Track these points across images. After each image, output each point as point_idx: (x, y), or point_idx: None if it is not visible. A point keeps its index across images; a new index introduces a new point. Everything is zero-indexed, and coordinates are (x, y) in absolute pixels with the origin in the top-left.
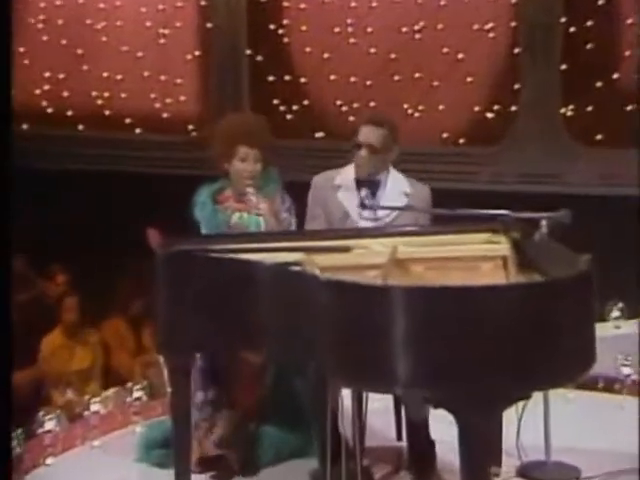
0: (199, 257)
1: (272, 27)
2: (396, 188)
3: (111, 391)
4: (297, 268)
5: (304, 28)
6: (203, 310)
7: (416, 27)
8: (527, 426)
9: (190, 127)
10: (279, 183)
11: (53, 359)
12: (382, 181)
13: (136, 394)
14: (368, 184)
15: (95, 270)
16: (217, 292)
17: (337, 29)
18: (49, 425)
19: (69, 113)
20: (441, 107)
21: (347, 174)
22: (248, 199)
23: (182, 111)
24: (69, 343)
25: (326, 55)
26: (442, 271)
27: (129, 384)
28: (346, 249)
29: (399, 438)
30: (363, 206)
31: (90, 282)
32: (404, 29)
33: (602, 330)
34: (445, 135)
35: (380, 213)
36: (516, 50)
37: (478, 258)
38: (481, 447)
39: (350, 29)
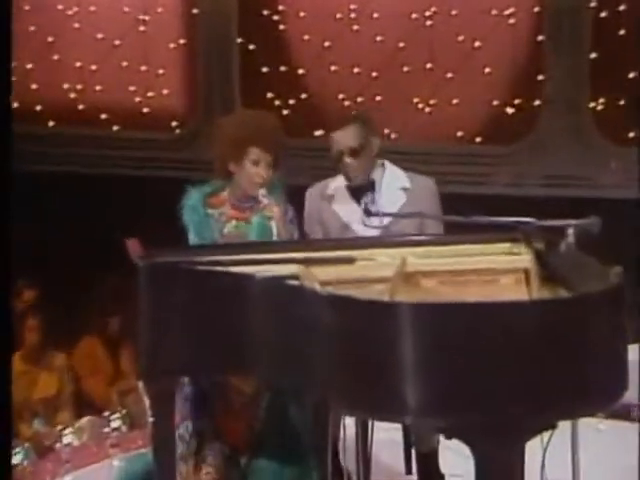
0: (185, 270)
1: (266, 13)
2: (392, 185)
3: (85, 420)
4: (294, 282)
5: (302, 14)
6: (189, 329)
7: (427, 13)
8: (553, 459)
9: (174, 124)
10: (283, 191)
11: (13, 387)
12: (377, 180)
13: (114, 424)
14: (363, 188)
15: (67, 285)
16: (205, 309)
17: (339, 15)
18: (15, 460)
19: (38, 108)
20: (455, 101)
21: (339, 182)
22: (259, 201)
23: (165, 106)
24: (31, 368)
25: (327, 44)
26: (456, 286)
27: (106, 413)
28: (349, 261)
29: (408, 472)
30: (368, 213)
31: (62, 298)
32: (414, 15)
33: (635, 353)
34: (459, 133)
35: (384, 219)
36: (539, 38)
37: (497, 271)
38: None
39: (353, 15)
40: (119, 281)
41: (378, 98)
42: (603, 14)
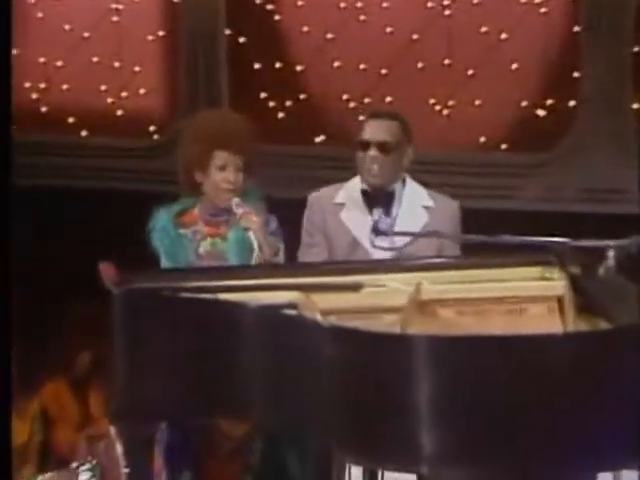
0: (167, 297)
1: (259, 1)
2: (414, 201)
3: (48, 476)
4: (292, 312)
5: (300, 2)
6: (171, 366)
7: (445, 1)
8: None
9: (152, 128)
10: (261, 199)
11: None
12: (396, 194)
13: (82, 476)
14: (381, 199)
15: (28, 315)
16: (190, 342)
17: (343, 4)
18: None
19: None
20: (477, 102)
21: (352, 188)
22: (233, 212)
23: (141, 108)
24: None
25: (329, 36)
26: (479, 316)
27: (73, 464)
28: (355, 287)
29: None
30: (377, 231)
31: (21, 332)
32: (430, 3)
33: None
34: (482, 139)
35: (398, 239)
36: (575, 29)
37: (526, 299)
38: None
39: (360, 3)
40: (89, 311)
41: (388, 99)
42: None
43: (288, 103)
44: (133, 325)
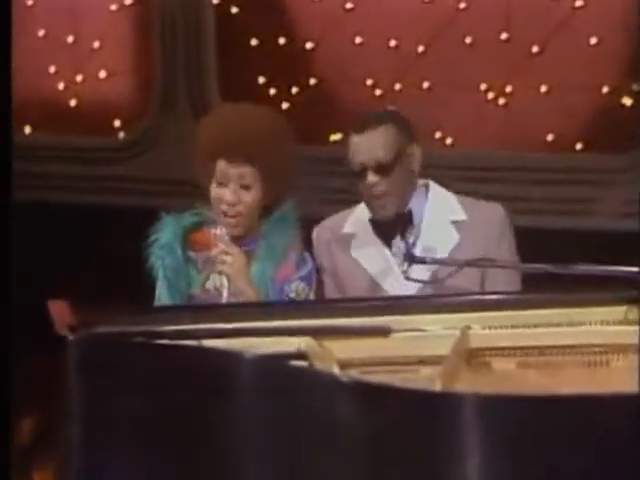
0: (138, 346)
1: None
2: (439, 216)
3: None
4: (300, 363)
5: None
6: (144, 438)
7: None
8: None
9: (117, 123)
10: (295, 228)
11: None
12: (416, 210)
13: None
14: (399, 224)
15: None
16: (168, 407)
17: None
18: None
19: None
20: (544, 88)
21: (360, 214)
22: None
23: (103, 96)
24: None
25: (348, 5)
26: (547, 370)
27: None
28: (382, 331)
29: None
30: (410, 259)
31: None
32: None
33: None
34: (550, 136)
35: (429, 271)
36: None
37: (607, 348)
38: None
39: None
40: (33, 364)
41: (426, 84)
42: None
43: (294, 90)
44: (92, 383)
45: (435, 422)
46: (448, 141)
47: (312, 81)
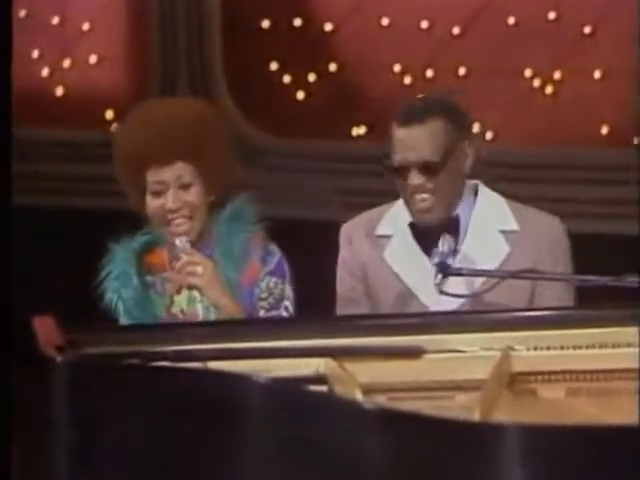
0: (134, 369)
1: None
2: (488, 224)
3: None
4: (319, 388)
5: None
6: (140, 474)
7: None
8: None
9: (109, 115)
10: (254, 225)
11: None
12: (463, 216)
13: None
14: (442, 230)
15: None
16: (168, 438)
17: None
18: None
19: None
20: (598, 74)
21: (398, 215)
22: (176, 257)
23: (93, 84)
24: None
25: None
26: (602, 397)
27: None
28: (413, 352)
29: None
30: (445, 270)
31: None
32: None
33: None
34: (605, 129)
35: (472, 284)
36: None
37: None
38: None
39: None
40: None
41: (461, 71)
42: None
43: (311, 78)
44: (82, 410)
45: (472, 456)
46: (488, 136)
47: (332, 67)
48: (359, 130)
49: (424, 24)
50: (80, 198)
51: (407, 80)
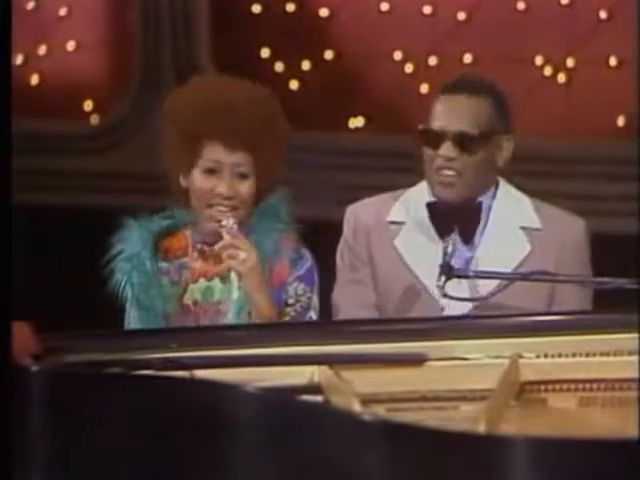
0: (116, 378)
1: None
2: (509, 219)
3: None
4: (314, 398)
5: None
6: None
7: None
8: None
9: (87, 106)
10: (288, 225)
11: None
12: (484, 208)
13: None
14: (460, 218)
15: None
16: (153, 452)
17: None
18: None
19: None
20: (614, 61)
21: (415, 198)
22: (220, 237)
23: (71, 73)
24: None
25: None
26: (614, 408)
27: None
28: (415, 360)
29: None
30: (448, 271)
31: None
32: None
33: None
34: (622, 121)
35: (482, 282)
36: None
37: None
38: None
39: None
40: None
41: (468, 58)
42: None
43: (306, 66)
44: (60, 422)
45: (477, 471)
46: None
47: (328, 55)
48: (357, 122)
49: (427, 9)
50: (55, 194)
51: (409, 68)
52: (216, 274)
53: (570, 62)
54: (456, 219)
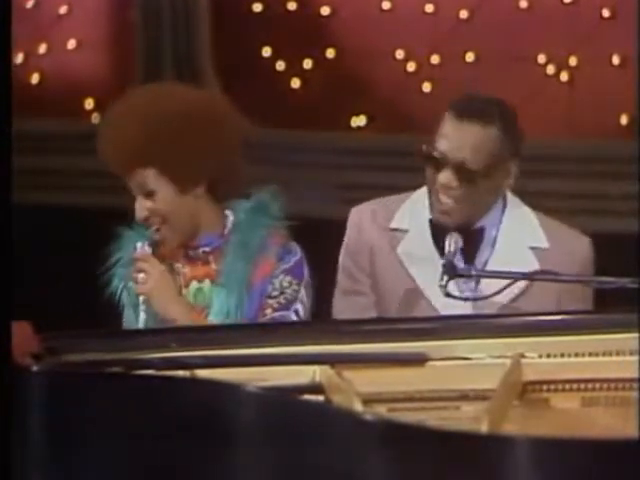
0: (117, 378)
1: None
2: (517, 238)
3: None
4: (315, 399)
5: None
6: None
7: None
8: None
9: (88, 105)
10: (277, 221)
11: None
12: (488, 228)
13: None
14: (464, 238)
15: None
16: (153, 452)
17: None
18: None
19: None
20: (616, 60)
21: (416, 209)
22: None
23: (71, 71)
24: None
25: None
26: (618, 408)
27: None
28: (416, 359)
29: None
30: (451, 271)
31: None
32: None
33: None
34: (625, 119)
35: (484, 287)
36: None
37: None
38: None
39: None
40: None
41: (470, 57)
42: None
43: (307, 65)
44: (60, 423)
45: (479, 472)
46: None
47: (329, 54)
48: (359, 121)
49: (429, 7)
50: (55, 194)
51: (411, 67)
52: (205, 276)
53: (573, 61)
54: (460, 232)
